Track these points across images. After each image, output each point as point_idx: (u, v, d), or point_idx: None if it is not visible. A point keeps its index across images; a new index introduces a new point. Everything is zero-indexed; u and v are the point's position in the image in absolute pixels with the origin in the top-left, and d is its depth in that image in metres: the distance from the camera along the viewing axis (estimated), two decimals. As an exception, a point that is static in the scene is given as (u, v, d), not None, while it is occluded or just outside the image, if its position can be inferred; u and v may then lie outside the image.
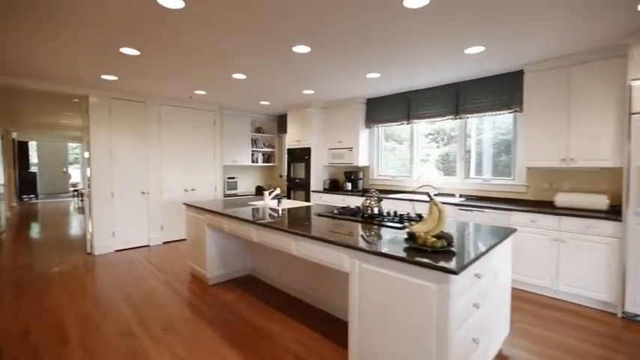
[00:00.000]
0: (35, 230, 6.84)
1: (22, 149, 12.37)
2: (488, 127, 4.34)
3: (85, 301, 3.18)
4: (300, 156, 5.96)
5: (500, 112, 3.92)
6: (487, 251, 1.72)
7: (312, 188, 5.74)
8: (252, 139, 6.96)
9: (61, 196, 13.57)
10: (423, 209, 4.05)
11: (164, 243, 5.46)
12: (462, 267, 1.44)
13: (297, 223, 2.62)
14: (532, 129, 3.51)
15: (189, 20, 2.47)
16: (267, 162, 7.35)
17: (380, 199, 2.75)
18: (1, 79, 4.02)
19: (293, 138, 6.12)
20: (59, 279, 3.80)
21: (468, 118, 4.26)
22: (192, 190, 5.78)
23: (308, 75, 3.97)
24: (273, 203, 3.70)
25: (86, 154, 4.80)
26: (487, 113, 4.03)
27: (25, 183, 12.22)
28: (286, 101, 5.66)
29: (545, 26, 2.57)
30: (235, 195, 6.46)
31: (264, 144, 7.29)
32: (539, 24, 2.53)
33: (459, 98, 4.26)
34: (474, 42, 2.89)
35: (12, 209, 9.32)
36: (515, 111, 3.80)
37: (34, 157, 13.69)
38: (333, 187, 5.84)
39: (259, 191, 6.56)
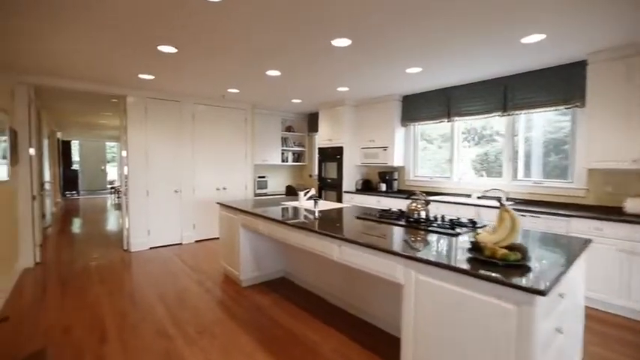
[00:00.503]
0: (77, 225, 7.13)
1: (66, 148, 13.07)
2: (537, 124, 3.98)
3: (123, 299, 3.18)
4: (332, 155, 5.80)
5: (557, 108, 3.56)
6: (569, 267, 1.48)
7: (344, 188, 5.57)
8: (282, 138, 6.89)
9: (100, 193, 14.24)
10: (467, 213, 3.76)
11: (196, 241, 5.48)
12: (550, 286, 1.22)
13: (337, 226, 2.46)
14: (595, 126, 3.15)
15: (227, 13, 2.37)
16: (296, 161, 7.25)
17: (427, 202, 2.53)
18: (48, 80, 4.15)
19: (324, 137, 5.97)
20: (98, 275, 3.87)
21: (517, 114, 3.92)
22: (224, 188, 5.78)
23: (345, 70, 3.80)
24: (309, 204, 3.57)
25: (124, 153, 4.89)
26: (541, 109, 3.68)
27: (68, 180, 12.90)
28: (318, 99, 5.52)
29: (616, 7, 2.25)
30: (265, 194, 6.41)
31: (294, 143, 7.20)
32: (609, 5, 2.22)
33: (507, 93, 3.94)
34: (533, 29, 2.61)
35: (57, 205, 9.83)
36: (575, 106, 3.43)
37: (76, 156, 14.43)
38: (366, 187, 5.63)
39: (290, 191, 6.47)
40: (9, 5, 2.29)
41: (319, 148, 6.10)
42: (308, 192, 3.60)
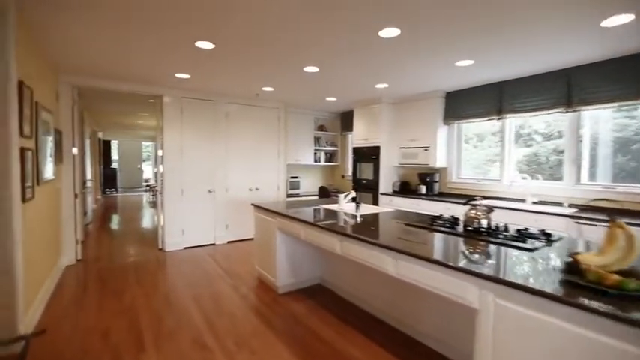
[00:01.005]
0: (115, 222, 7.35)
1: (106, 148, 13.67)
2: (602, 122, 3.53)
3: (159, 301, 3.12)
4: (367, 155, 5.55)
5: (636, 102, 3.11)
6: None
7: (381, 190, 5.30)
8: (314, 138, 6.71)
9: (136, 191, 14.80)
10: (523, 221, 3.39)
11: (229, 242, 5.43)
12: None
13: (388, 234, 2.23)
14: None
15: (268, 5, 2.20)
16: (329, 161, 7.06)
17: (490, 210, 2.24)
18: (90, 81, 4.22)
19: (360, 136, 5.73)
20: (135, 274, 3.87)
21: (584, 110, 3.49)
22: (256, 189, 5.69)
23: (387, 66, 3.54)
24: (349, 208, 3.35)
25: (159, 152, 4.91)
26: (614, 104, 3.24)
27: (108, 178, 13.49)
28: (354, 97, 5.29)
29: None
30: (297, 195, 6.27)
31: (326, 142, 7.01)
32: None
33: (571, 86, 3.51)
34: (620, 7, 2.24)
35: (97, 202, 10.25)
36: (659, 100, 2.98)
37: (115, 155, 15.09)
38: (404, 189, 5.33)
39: (323, 192, 6.27)
40: (55, 5, 2.26)
41: (354, 148, 5.86)
42: (348, 195, 3.38)
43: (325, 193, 6.10)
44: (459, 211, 3.94)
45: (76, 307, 3.00)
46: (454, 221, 2.50)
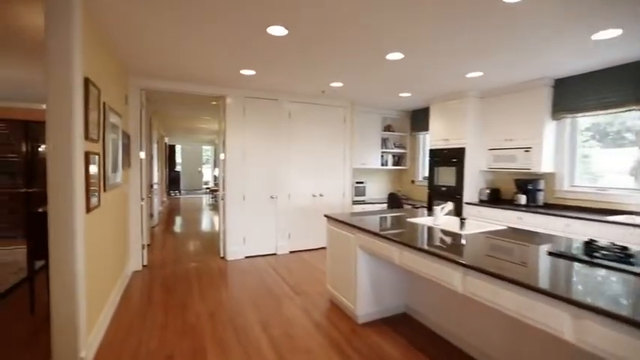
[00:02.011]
0: (178, 224, 7.44)
1: (171, 151, 14.41)
2: None
3: (224, 326, 2.76)
4: (448, 158, 4.80)
5: None
6: None
7: (465, 199, 4.53)
8: (382, 139, 6.10)
9: (196, 193, 15.40)
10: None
11: (290, 252, 5.04)
12: None
13: (537, 271, 1.57)
14: None
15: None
16: (397, 165, 6.38)
17: None
18: (156, 83, 4.10)
19: (438, 136, 5.00)
20: (199, 287, 3.60)
21: None
22: (320, 195, 5.24)
23: (493, 43, 2.84)
24: (446, 223, 2.71)
25: (222, 156, 4.69)
26: None
27: (172, 180, 14.19)
28: (433, 91, 4.59)
29: None
30: (363, 202, 5.70)
31: (394, 144, 6.36)
32: None
33: None
34: None
35: (163, 204, 10.70)
36: None
37: (178, 158, 15.89)
38: (495, 198, 4.49)
39: (394, 200, 5.59)
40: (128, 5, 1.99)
41: (431, 150, 5.14)
42: (444, 207, 2.73)
43: (396, 201, 5.44)
44: (589, 231, 3.07)
45: (140, 323, 2.76)
46: (620, 250, 1.75)
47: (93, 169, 2.30)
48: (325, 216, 3.28)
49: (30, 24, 2.58)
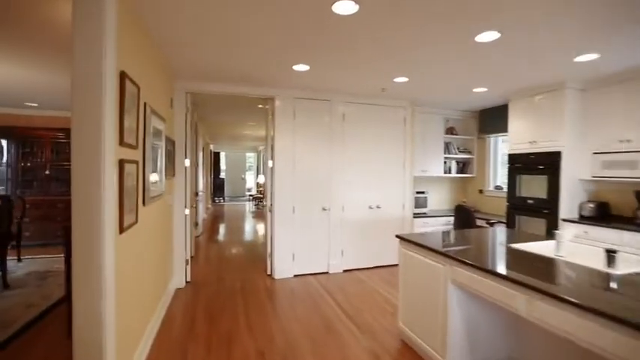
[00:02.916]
0: (223, 234, 7.20)
1: (216, 158, 14.59)
2: None
3: (277, 370, 2.27)
4: (534, 165, 3.97)
5: None
6: None
7: (561, 215, 3.66)
8: (444, 143, 5.37)
9: (240, 199, 15.43)
10: None
11: (344, 271, 4.47)
12: None
13: None
14: None
15: None
16: (461, 172, 5.59)
17: None
18: (201, 85, 3.80)
19: (520, 138, 4.18)
20: (245, 312, 3.16)
21: None
22: (378, 207, 4.63)
23: (626, 11, 2.09)
24: (570, 252, 1.98)
25: (269, 164, 4.27)
26: None
27: (217, 187, 14.31)
28: (519, 83, 3.81)
29: None
30: (424, 215, 4.99)
31: (458, 149, 5.58)
32: None
33: None
34: None
35: (207, 210, 10.69)
36: None
37: (222, 165, 16.09)
38: (602, 214, 3.59)
39: (463, 214, 4.73)
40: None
41: (510, 155, 4.33)
42: (564, 231, 2.01)
43: (465, 216, 4.62)
44: None
45: (180, 358, 2.35)
46: None
47: (130, 180, 1.93)
48: (398, 237, 2.67)
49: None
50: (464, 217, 4.59)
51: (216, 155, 14.83)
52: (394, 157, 4.73)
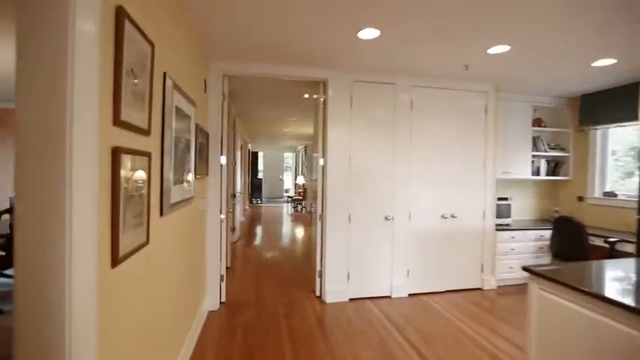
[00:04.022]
0: (261, 239, 6.60)
1: (254, 158, 14.22)
2: None
3: None
4: (687, 164, 2.84)
5: None
6: None
7: None
8: (532, 138, 4.30)
9: (277, 201, 14.95)
10: None
11: (410, 295, 3.60)
12: None
13: None
14: None
15: None
16: (552, 174, 4.48)
17: None
18: (238, 66, 3.14)
19: (661, 128, 3.07)
20: (292, 353, 2.42)
21: None
22: (452, 216, 3.70)
23: None
24: None
25: (320, 162, 3.51)
26: None
27: (254, 188, 13.93)
28: (667, 51, 2.72)
29: None
30: (508, 227, 3.97)
31: (547, 145, 4.48)
32: None
33: None
34: None
35: (245, 212, 10.24)
36: None
37: (260, 165, 15.73)
38: None
39: (568, 228, 3.49)
40: None
41: (644, 151, 3.22)
42: None
43: (573, 232, 3.45)
44: None
45: None
46: None
47: (134, 181, 1.25)
48: (527, 270, 1.77)
49: None
50: (569, 232, 3.51)
51: (254, 155, 14.47)
52: (473, 154, 3.78)
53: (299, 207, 11.78)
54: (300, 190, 12.29)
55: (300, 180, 12.66)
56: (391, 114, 3.52)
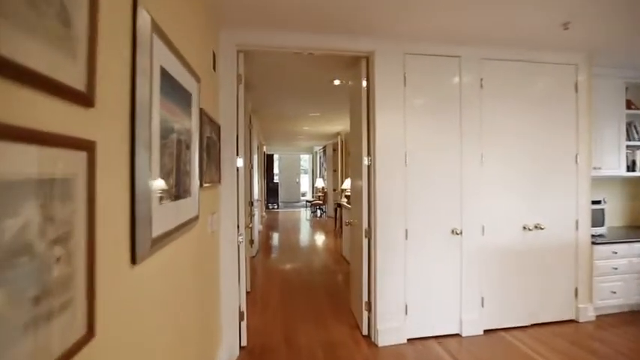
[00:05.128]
0: (283, 250, 5.83)
1: (269, 161, 13.53)
2: None
3: None
4: None
5: None
6: None
7: None
8: (625, 124, 3.39)
9: (295, 205, 14.20)
10: None
11: (485, 332, 2.74)
12: None
13: None
14: None
15: None
16: (648, 169, 3.55)
17: None
18: (254, 36, 2.39)
19: None
20: None
21: None
22: (537, 227, 2.83)
23: None
24: None
25: (365, 161, 2.70)
26: None
27: (271, 192, 13.22)
28: None
29: None
30: (603, 238, 3.06)
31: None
32: None
33: None
34: None
35: (262, 219, 9.53)
36: None
37: (276, 169, 15.03)
38: None
39: None
40: None
41: None
42: None
43: None
44: None
45: None
46: None
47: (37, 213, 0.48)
48: None
49: None
50: None
51: (270, 158, 13.78)
52: (560, 146, 2.90)
53: (318, 212, 11.00)
54: (320, 194, 11.52)
55: (320, 183, 11.88)
56: (456, 96, 2.69)
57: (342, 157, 8.86)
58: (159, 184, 1.02)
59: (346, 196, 7.19)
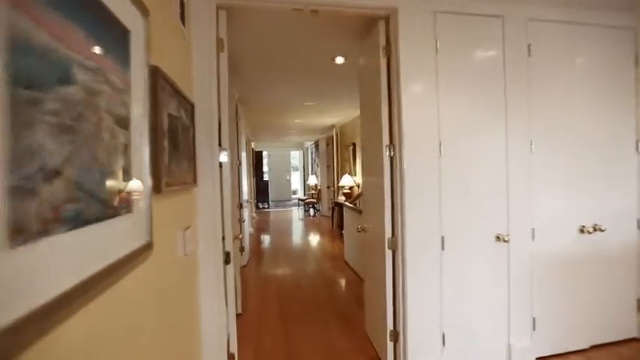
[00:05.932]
0: (277, 257, 5.21)
1: (258, 158, 12.82)
2: None
3: None
4: None
5: None
6: None
7: None
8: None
9: (286, 204, 13.56)
10: None
11: (537, 360, 2.21)
12: None
13: None
14: None
15: None
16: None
17: None
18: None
19: None
20: None
21: None
22: (597, 229, 2.30)
23: None
24: None
25: (386, 152, 2.11)
26: None
27: (260, 191, 12.54)
28: None
29: None
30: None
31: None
32: None
33: None
34: None
35: (253, 220, 8.88)
36: None
37: (265, 166, 14.32)
38: None
39: None
40: None
41: None
42: None
43: None
44: None
45: None
46: None
47: None
48: None
49: None
50: None
51: (258, 155, 13.07)
52: (618, 130, 2.38)
53: (312, 211, 10.42)
54: (313, 192, 10.93)
55: (312, 180, 11.29)
56: (499, 69, 2.12)
57: (337, 152, 8.27)
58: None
59: (344, 194, 6.62)
